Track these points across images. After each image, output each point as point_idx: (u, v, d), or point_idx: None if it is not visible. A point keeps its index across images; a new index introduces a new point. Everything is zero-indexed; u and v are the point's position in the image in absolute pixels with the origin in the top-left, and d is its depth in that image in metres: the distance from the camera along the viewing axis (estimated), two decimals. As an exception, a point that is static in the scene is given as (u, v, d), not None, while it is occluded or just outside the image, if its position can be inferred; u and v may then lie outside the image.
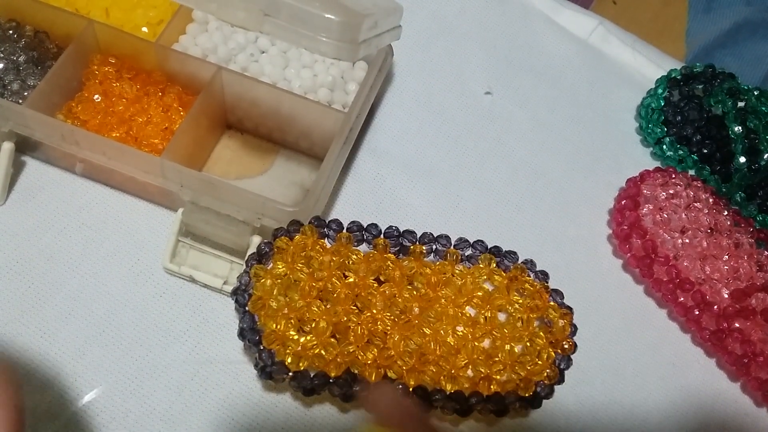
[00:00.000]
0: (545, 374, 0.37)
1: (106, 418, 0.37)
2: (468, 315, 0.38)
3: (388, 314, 0.37)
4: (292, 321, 0.36)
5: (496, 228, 0.47)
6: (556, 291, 0.40)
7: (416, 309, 0.37)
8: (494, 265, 0.40)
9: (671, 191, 0.47)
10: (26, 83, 0.44)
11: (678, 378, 0.44)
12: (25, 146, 0.43)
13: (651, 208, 0.46)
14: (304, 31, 0.34)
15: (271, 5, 0.34)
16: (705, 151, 0.51)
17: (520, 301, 0.39)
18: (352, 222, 0.39)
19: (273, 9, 0.34)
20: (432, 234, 0.40)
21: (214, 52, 0.47)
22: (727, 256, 0.44)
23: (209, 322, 0.41)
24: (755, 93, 0.50)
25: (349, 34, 0.35)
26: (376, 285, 0.38)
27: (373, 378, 0.35)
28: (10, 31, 0.45)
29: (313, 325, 0.36)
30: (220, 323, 0.41)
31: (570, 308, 0.39)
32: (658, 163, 0.53)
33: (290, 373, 0.35)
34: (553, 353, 0.38)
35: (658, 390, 0.44)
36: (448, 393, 0.36)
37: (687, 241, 0.45)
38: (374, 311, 0.37)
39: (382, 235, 0.39)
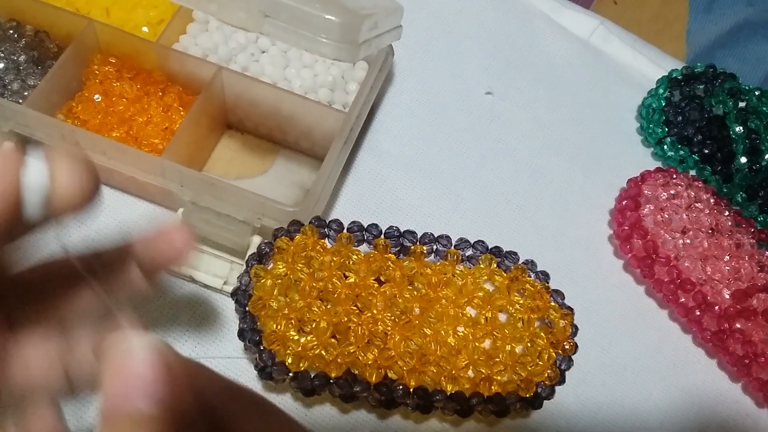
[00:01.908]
0: (546, 375, 0.37)
1: (106, 419, 0.37)
2: (469, 315, 0.38)
3: (389, 315, 0.37)
4: (293, 321, 0.36)
5: (497, 228, 0.47)
6: (556, 291, 0.40)
7: (417, 309, 0.37)
8: (495, 265, 0.40)
9: (672, 191, 0.46)
10: (26, 83, 0.44)
11: (679, 378, 0.44)
12: (25, 146, 0.43)
13: (652, 208, 0.46)
14: (305, 32, 0.34)
15: (271, 6, 0.34)
16: (706, 151, 0.51)
17: (521, 301, 0.39)
18: (353, 222, 0.39)
19: (273, 10, 0.34)
20: (432, 234, 0.40)
21: (214, 51, 0.47)
22: (728, 257, 0.44)
23: (209, 323, 0.41)
24: (756, 93, 0.50)
25: (350, 35, 0.35)
26: (376, 285, 0.37)
27: (374, 378, 0.35)
28: (11, 31, 0.45)
29: (314, 326, 0.36)
30: (221, 324, 0.41)
31: (571, 309, 0.39)
32: (659, 164, 0.53)
33: (290, 374, 0.35)
34: (554, 354, 0.38)
35: (659, 390, 0.44)
36: (448, 393, 0.36)
37: (688, 241, 0.45)
38: (375, 312, 0.37)
39: (382, 236, 0.39)
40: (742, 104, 0.49)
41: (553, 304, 0.39)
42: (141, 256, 0.27)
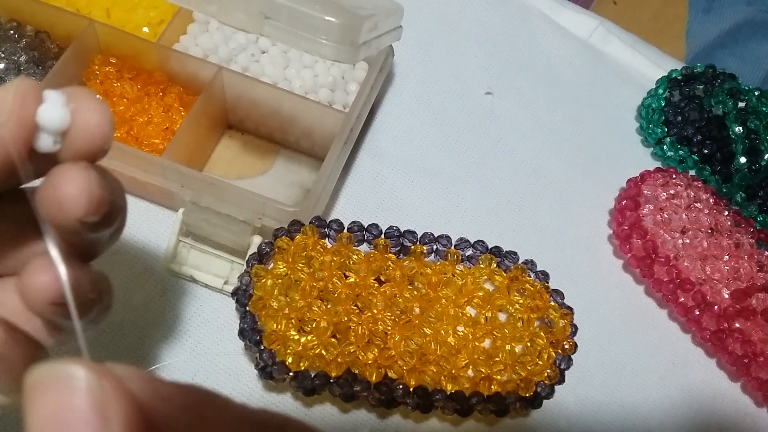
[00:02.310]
0: (546, 374, 0.37)
1: (107, 418, 0.37)
2: (468, 315, 0.38)
3: (389, 314, 0.37)
4: (293, 321, 0.36)
5: (497, 228, 0.48)
6: (556, 291, 0.40)
7: (417, 309, 0.37)
8: (495, 265, 0.40)
9: (672, 191, 0.47)
10: (27, 83, 0.44)
11: (678, 378, 0.44)
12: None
13: (651, 208, 0.46)
14: (305, 34, 0.34)
15: (271, 8, 0.34)
16: (705, 151, 0.51)
17: (521, 301, 0.39)
18: (353, 222, 0.39)
19: (273, 11, 0.34)
20: (432, 234, 0.40)
21: (214, 52, 0.47)
22: (727, 257, 0.44)
23: (210, 322, 0.41)
24: (756, 93, 0.50)
25: (350, 37, 0.35)
26: (376, 285, 0.38)
27: (374, 378, 0.36)
28: (11, 31, 0.45)
29: (314, 325, 0.36)
30: (221, 323, 0.41)
31: (570, 308, 0.39)
32: (658, 164, 0.53)
33: (291, 373, 0.35)
34: (553, 353, 0.38)
35: (659, 390, 0.44)
36: (448, 393, 0.36)
37: (687, 241, 0.45)
38: (375, 311, 0.37)
39: (382, 235, 0.39)
40: (741, 104, 0.50)
41: (552, 303, 0.39)
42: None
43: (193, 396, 0.17)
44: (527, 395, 0.37)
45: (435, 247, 0.40)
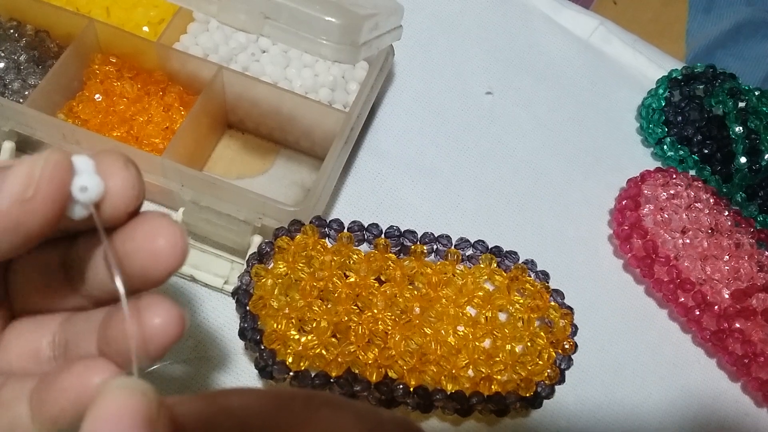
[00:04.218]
0: (546, 374, 0.37)
1: (107, 418, 0.37)
2: (469, 315, 0.38)
3: (389, 314, 0.37)
4: (293, 321, 0.36)
5: (497, 228, 0.48)
6: (556, 291, 0.40)
7: (417, 309, 0.37)
8: (495, 265, 0.40)
9: (672, 191, 0.47)
10: (27, 82, 0.44)
11: (678, 378, 0.44)
12: (26, 145, 0.43)
13: (652, 208, 0.46)
14: (305, 34, 0.34)
15: (271, 8, 0.34)
16: (706, 151, 0.51)
17: (521, 301, 0.39)
18: (353, 222, 0.39)
19: (273, 12, 0.34)
20: (433, 234, 0.40)
21: (215, 51, 0.47)
22: (727, 257, 0.44)
23: (210, 322, 0.41)
24: (756, 93, 0.50)
25: (350, 37, 0.35)
26: (376, 285, 0.38)
27: (374, 378, 0.36)
28: (11, 30, 0.45)
29: (314, 325, 0.36)
30: (221, 323, 0.41)
31: (571, 308, 0.39)
32: (658, 164, 0.53)
33: (291, 373, 0.35)
34: (553, 353, 0.38)
35: (659, 390, 0.44)
36: (448, 393, 0.36)
37: (688, 241, 0.45)
38: (375, 311, 0.37)
39: (383, 235, 0.39)
40: (741, 104, 0.49)
41: (552, 303, 0.39)
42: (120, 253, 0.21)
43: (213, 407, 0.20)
44: (527, 395, 0.37)
45: (435, 246, 0.40)
